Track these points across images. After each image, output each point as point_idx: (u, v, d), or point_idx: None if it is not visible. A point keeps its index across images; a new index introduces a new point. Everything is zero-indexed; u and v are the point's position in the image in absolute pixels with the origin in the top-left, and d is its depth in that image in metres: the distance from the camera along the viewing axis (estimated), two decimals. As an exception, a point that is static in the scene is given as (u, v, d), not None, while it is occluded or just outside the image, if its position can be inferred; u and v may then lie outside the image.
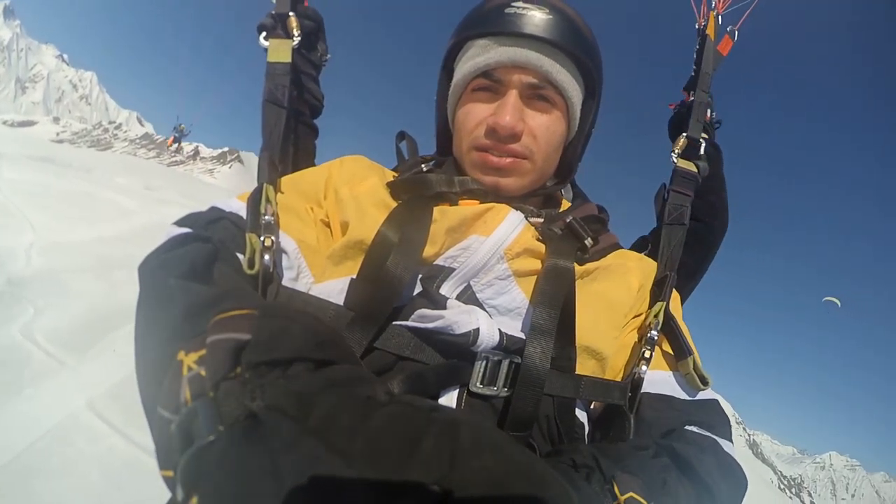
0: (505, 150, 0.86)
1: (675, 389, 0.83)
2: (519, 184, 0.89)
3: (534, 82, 0.85)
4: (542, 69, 0.84)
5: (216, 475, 0.39)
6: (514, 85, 0.85)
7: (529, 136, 0.86)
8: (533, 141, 0.86)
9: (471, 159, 0.89)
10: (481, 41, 0.87)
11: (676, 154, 1.05)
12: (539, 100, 0.86)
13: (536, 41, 0.84)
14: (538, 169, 0.89)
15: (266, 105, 0.94)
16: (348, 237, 0.79)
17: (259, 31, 0.99)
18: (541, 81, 0.85)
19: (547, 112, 0.87)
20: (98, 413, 2.94)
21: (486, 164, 0.87)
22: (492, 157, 0.86)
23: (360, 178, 0.88)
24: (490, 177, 0.88)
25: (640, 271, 0.90)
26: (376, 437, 0.38)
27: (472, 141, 0.88)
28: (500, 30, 0.85)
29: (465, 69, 0.88)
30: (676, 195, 1.00)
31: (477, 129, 0.87)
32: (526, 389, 0.70)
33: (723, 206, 1.20)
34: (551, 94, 0.86)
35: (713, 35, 1.14)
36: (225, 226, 0.77)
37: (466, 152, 0.90)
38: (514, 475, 0.38)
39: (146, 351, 0.58)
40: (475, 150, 0.88)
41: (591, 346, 0.80)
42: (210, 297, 0.55)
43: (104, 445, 2.71)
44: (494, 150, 0.86)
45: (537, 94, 0.86)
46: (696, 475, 0.66)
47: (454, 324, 0.70)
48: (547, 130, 0.87)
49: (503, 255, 0.80)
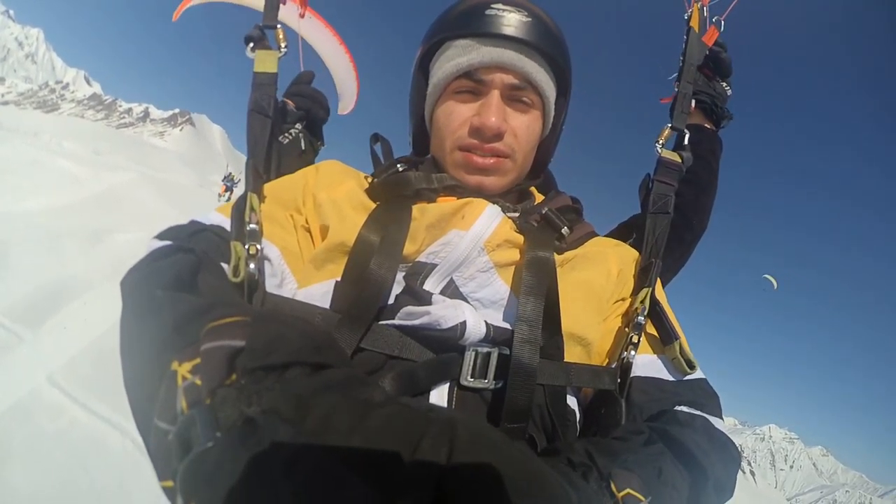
0: (489, 150, 0.88)
1: (663, 372, 0.85)
2: (501, 182, 0.92)
3: (515, 83, 0.87)
4: (523, 70, 0.87)
5: (215, 481, 0.39)
6: (496, 85, 0.87)
7: (511, 136, 0.89)
8: (514, 140, 0.89)
9: (454, 159, 0.91)
10: (462, 41, 0.88)
11: (661, 144, 1.06)
12: (519, 100, 0.89)
13: (517, 43, 0.86)
14: (518, 167, 0.93)
15: (252, 115, 0.94)
16: (329, 241, 0.80)
17: (246, 42, 1.00)
18: (521, 82, 0.87)
19: (526, 112, 0.90)
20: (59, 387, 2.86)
21: (469, 164, 0.89)
22: (475, 158, 0.88)
23: (337, 182, 0.89)
24: (474, 176, 0.90)
25: (618, 257, 0.92)
26: (374, 438, 0.39)
27: (456, 141, 0.89)
28: (482, 30, 0.86)
29: (446, 69, 0.89)
30: (661, 185, 1.02)
31: (460, 129, 0.89)
32: (519, 380, 0.71)
33: (710, 207, 1.23)
34: (530, 94, 0.89)
35: (697, 27, 1.15)
36: (207, 237, 0.77)
37: (449, 152, 0.91)
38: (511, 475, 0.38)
39: (136, 364, 0.57)
40: (459, 150, 0.90)
41: (577, 332, 0.82)
42: (199, 306, 0.55)
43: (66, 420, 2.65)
44: (478, 150, 0.88)
45: (518, 94, 0.88)
46: (690, 457, 0.69)
47: (440, 319, 0.71)
48: (527, 130, 0.90)
49: (483, 248, 0.81)
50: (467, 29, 0.88)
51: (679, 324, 0.89)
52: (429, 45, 0.94)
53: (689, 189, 1.19)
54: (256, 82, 0.96)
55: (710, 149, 1.24)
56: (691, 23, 1.15)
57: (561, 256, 0.86)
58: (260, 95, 0.95)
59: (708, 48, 1.16)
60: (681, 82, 1.12)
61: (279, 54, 1.00)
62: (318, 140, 1.28)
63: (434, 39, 0.93)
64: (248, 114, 0.94)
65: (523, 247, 0.82)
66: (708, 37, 1.16)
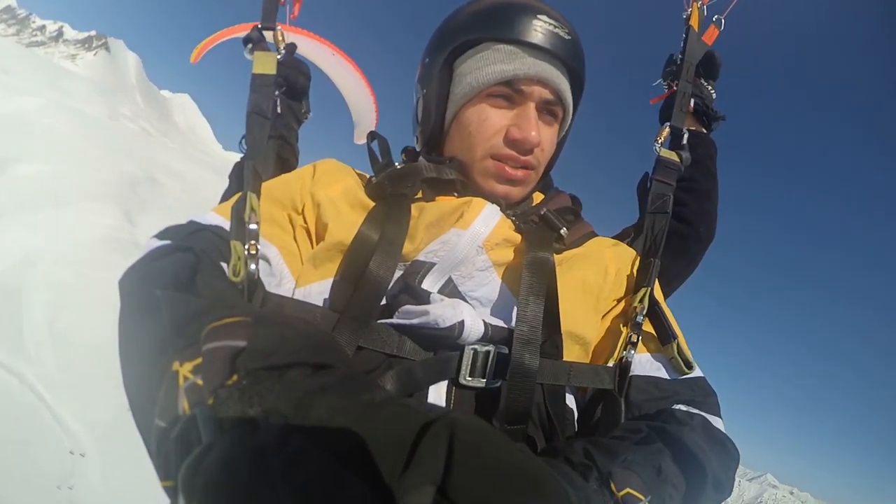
0: (521, 162, 0.89)
1: (661, 371, 0.85)
2: (524, 193, 0.94)
3: (550, 99, 0.89)
4: (559, 87, 0.89)
5: (216, 480, 0.39)
6: (533, 98, 0.88)
7: (539, 149, 0.90)
8: (542, 153, 0.92)
9: (485, 167, 0.90)
10: (506, 47, 0.87)
11: (660, 144, 1.06)
12: (549, 114, 0.92)
13: (558, 60, 0.89)
14: (538, 177, 0.95)
15: (251, 116, 0.94)
16: (328, 240, 0.80)
17: (245, 43, 1.00)
18: (555, 98, 0.90)
19: (552, 126, 0.93)
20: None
21: (501, 175, 0.90)
22: (508, 169, 0.89)
23: (335, 181, 0.89)
24: (503, 186, 0.91)
25: (616, 257, 0.93)
26: (374, 439, 0.39)
27: (490, 149, 0.89)
28: (529, 41, 0.86)
29: (487, 73, 0.88)
30: (659, 184, 1.02)
31: (495, 137, 0.89)
32: (518, 379, 0.72)
33: (714, 214, 1.23)
34: (559, 111, 0.92)
35: (697, 25, 1.15)
36: (205, 236, 0.77)
37: (480, 159, 0.90)
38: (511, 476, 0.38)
39: (135, 364, 0.57)
40: (492, 159, 0.89)
41: (575, 332, 0.82)
42: (199, 306, 0.55)
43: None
44: (511, 161, 0.89)
45: (550, 108, 0.91)
46: (689, 455, 0.69)
47: (438, 318, 0.71)
48: (551, 143, 0.94)
49: (482, 247, 0.82)
50: (511, 35, 0.87)
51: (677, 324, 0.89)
52: (463, 40, 0.91)
53: (692, 197, 1.19)
54: (255, 84, 0.96)
55: (707, 153, 1.24)
56: (691, 21, 1.15)
57: (559, 256, 0.86)
58: (259, 97, 0.95)
59: (708, 47, 1.16)
60: (680, 81, 1.12)
61: (278, 56, 1.00)
62: (301, 106, 1.23)
63: (471, 36, 0.90)
64: (248, 115, 0.94)
65: (522, 246, 0.82)
66: (708, 36, 1.16)
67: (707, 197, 1.22)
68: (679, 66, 1.14)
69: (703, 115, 1.27)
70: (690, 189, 1.19)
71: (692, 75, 1.12)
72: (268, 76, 0.97)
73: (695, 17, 1.16)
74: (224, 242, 0.76)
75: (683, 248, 1.17)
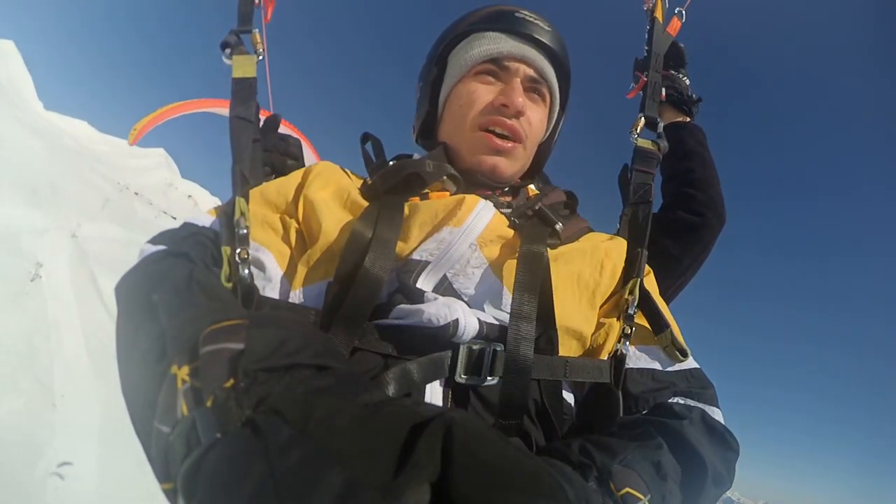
0: (508, 127, 0.93)
1: (656, 362, 0.85)
2: (512, 168, 0.97)
3: (534, 76, 0.97)
4: (541, 67, 0.98)
5: (216, 482, 0.40)
6: (518, 74, 0.96)
7: (527, 122, 0.95)
8: (529, 127, 0.96)
9: (473, 139, 0.95)
10: (491, 34, 0.98)
11: (637, 134, 1.07)
12: (535, 93, 0.98)
13: (539, 44, 0.97)
14: (526, 157, 0.99)
15: (234, 120, 0.94)
16: (321, 242, 0.81)
17: (222, 48, 1.00)
18: (539, 77, 0.98)
19: (539, 106, 0.99)
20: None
21: (488, 145, 0.93)
22: (495, 139, 0.93)
23: (328, 184, 0.90)
24: (491, 157, 0.94)
25: (611, 251, 0.93)
26: (374, 439, 0.39)
27: (478, 119, 0.94)
28: (512, 27, 0.97)
29: (473, 53, 0.97)
30: (639, 174, 1.03)
31: (483, 108, 0.94)
32: (514, 376, 0.71)
33: (720, 198, 1.25)
34: (544, 90, 0.99)
35: (661, 17, 1.18)
36: (200, 241, 0.78)
37: (469, 130, 0.95)
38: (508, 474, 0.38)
39: (133, 369, 0.58)
40: (479, 130, 0.94)
41: (571, 326, 0.82)
42: (197, 310, 0.57)
43: None
44: (499, 128, 0.93)
45: (534, 87, 0.98)
46: (688, 450, 0.69)
47: (433, 317, 0.72)
48: (539, 121, 0.99)
49: (476, 244, 0.82)
50: (497, 24, 0.98)
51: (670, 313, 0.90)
52: (454, 35, 1.01)
53: (696, 189, 1.22)
54: (236, 88, 0.96)
55: (697, 141, 1.27)
56: (655, 13, 1.17)
57: (554, 251, 0.86)
58: (240, 100, 0.95)
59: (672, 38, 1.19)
60: (650, 71, 1.14)
61: (257, 58, 0.99)
62: None
63: (460, 31, 1.01)
64: (231, 120, 0.94)
65: (516, 242, 0.83)
66: (671, 28, 1.19)
67: (709, 184, 1.25)
68: (647, 57, 1.16)
69: (681, 104, 1.31)
70: (692, 181, 1.22)
71: (661, 65, 1.14)
72: (248, 80, 0.97)
73: (659, 9, 1.18)
74: (217, 247, 0.76)
75: (696, 237, 1.19)
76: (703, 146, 1.30)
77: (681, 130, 1.28)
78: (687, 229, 1.20)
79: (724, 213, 1.25)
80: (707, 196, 1.24)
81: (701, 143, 1.30)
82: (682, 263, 1.14)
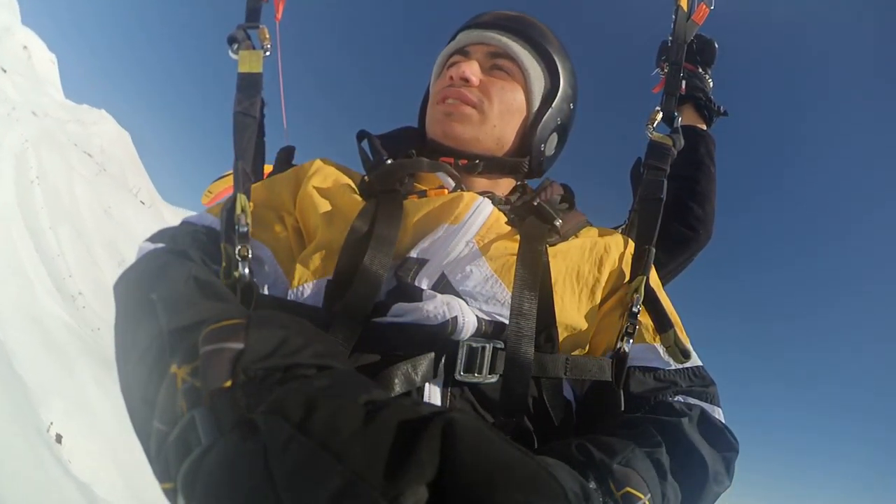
0: (457, 95, 0.95)
1: (659, 361, 0.84)
2: (468, 133, 0.96)
3: (492, 51, 0.99)
4: (501, 43, 0.99)
5: (216, 482, 0.40)
6: (476, 54, 1.00)
7: (483, 90, 0.96)
8: (485, 95, 0.96)
9: (432, 115, 1.00)
10: (460, 35, 1.04)
11: (652, 128, 1.05)
12: (499, 69, 0.99)
13: (499, 28, 1.01)
14: (488, 122, 0.96)
15: (237, 116, 0.93)
16: (319, 240, 0.80)
17: (229, 43, 1.00)
18: (500, 51, 0.99)
19: (504, 79, 0.98)
20: None
21: (442, 111, 0.97)
22: (443, 105, 0.97)
23: (325, 180, 0.90)
24: (444, 122, 0.97)
25: (611, 246, 0.92)
26: (372, 439, 0.39)
27: (434, 99, 1.00)
28: (478, 21, 1.04)
29: (446, 51, 1.06)
30: (652, 170, 1.00)
31: (441, 86, 0.99)
32: (514, 374, 0.71)
33: (713, 215, 1.26)
34: (509, 64, 0.99)
35: (685, 5, 1.13)
36: (198, 238, 0.78)
37: (433, 106, 1.00)
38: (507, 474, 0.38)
39: (132, 368, 0.58)
40: (436, 106, 0.99)
41: (571, 324, 0.81)
42: (196, 309, 0.56)
43: None
44: (450, 96, 0.96)
45: (496, 63, 0.98)
46: (688, 448, 0.69)
47: (432, 314, 0.72)
48: (502, 90, 0.97)
49: (474, 242, 0.82)
50: (467, 24, 1.05)
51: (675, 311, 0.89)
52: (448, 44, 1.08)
53: (695, 202, 1.22)
54: (241, 83, 0.95)
55: (707, 152, 1.25)
56: (680, 1, 1.13)
57: (553, 248, 0.85)
58: (245, 96, 0.94)
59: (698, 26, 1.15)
60: (670, 62, 1.11)
61: (263, 54, 0.99)
62: None
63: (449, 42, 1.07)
64: (234, 115, 0.93)
65: (515, 239, 0.82)
66: (698, 15, 1.14)
67: (708, 199, 1.25)
68: (670, 48, 1.13)
69: (704, 109, 1.28)
70: (693, 192, 1.22)
71: (682, 56, 1.10)
72: (254, 75, 0.96)
73: (683, -3, 1.14)
74: (216, 244, 0.76)
75: (684, 249, 1.22)
76: (712, 159, 1.28)
77: (696, 136, 1.26)
78: (677, 240, 1.21)
79: (713, 230, 1.27)
80: (703, 212, 1.24)
81: (711, 155, 1.28)
82: (664, 268, 1.15)
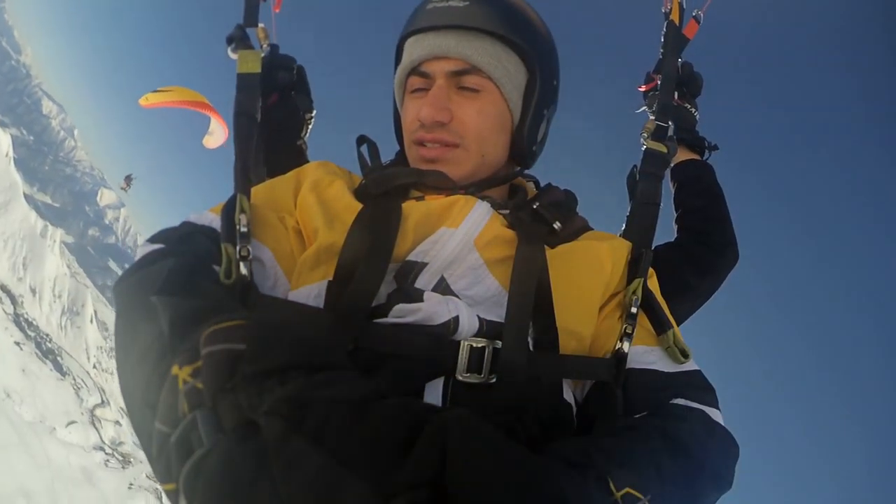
0: (433, 139, 0.90)
1: (657, 363, 0.85)
2: (458, 172, 0.91)
3: (456, 69, 0.89)
4: (462, 55, 0.88)
5: (217, 482, 0.41)
6: (438, 76, 0.89)
7: (459, 123, 0.89)
8: (462, 127, 0.89)
9: (412, 155, 0.95)
10: (409, 40, 0.93)
11: (646, 136, 1.07)
12: (466, 86, 0.89)
13: (454, 29, 0.88)
14: (475, 155, 0.91)
15: (237, 117, 0.93)
16: (320, 242, 0.80)
17: (228, 42, 0.99)
18: (464, 67, 0.88)
19: (475, 98, 0.90)
20: None
21: (421, 158, 0.93)
22: (423, 150, 0.92)
23: (327, 184, 0.89)
24: (429, 168, 0.92)
25: (611, 250, 0.92)
26: (372, 438, 0.40)
27: (410, 136, 0.94)
28: (422, 26, 0.90)
29: (399, 74, 0.95)
30: (647, 176, 1.03)
31: (412, 125, 0.93)
32: (514, 374, 0.72)
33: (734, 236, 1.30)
34: (477, 79, 0.89)
35: (678, 19, 1.16)
36: (198, 239, 0.78)
37: (408, 148, 0.96)
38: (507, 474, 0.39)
39: (132, 370, 0.58)
40: (414, 146, 0.94)
41: (570, 326, 0.82)
42: (196, 310, 0.57)
43: None
44: (427, 142, 0.91)
45: (462, 80, 0.89)
46: (687, 451, 0.69)
47: (433, 315, 0.72)
48: (478, 115, 0.90)
49: (474, 246, 0.82)
50: (413, 26, 0.92)
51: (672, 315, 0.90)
52: (396, 48, 0.99)
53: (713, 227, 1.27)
54: (240, 84, 0.95)
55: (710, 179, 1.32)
56: (672, 15, 1.16)
57: (553, 251, 0.86)
58: (245, 97, 0.94)
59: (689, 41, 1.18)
60: (662, 72, 1.14)
61: (262, 54, 0.98)
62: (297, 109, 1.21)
63: (398, 43, 0.98)
64: (234, 116, 0.93)
65: (514, 243, 0.83)
66: (688, 30, 1.17)
67: (726, 221, 1.30)
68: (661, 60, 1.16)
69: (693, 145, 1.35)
70: (711, 219, 1.28)
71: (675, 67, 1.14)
72: (253, 75, 0.96)
73: (675, 12, 1.17)
74: (217, 245, 0.76)
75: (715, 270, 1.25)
76: (717, 184, 1.34)
77: (696, 168, 1.33)
78: (709, 262, 1.25)
79: (738, 250, 1.30)
80: (725, 238, 1.29)
81: (715, 181, 1.34)
82: (696, 291, 1.20)
